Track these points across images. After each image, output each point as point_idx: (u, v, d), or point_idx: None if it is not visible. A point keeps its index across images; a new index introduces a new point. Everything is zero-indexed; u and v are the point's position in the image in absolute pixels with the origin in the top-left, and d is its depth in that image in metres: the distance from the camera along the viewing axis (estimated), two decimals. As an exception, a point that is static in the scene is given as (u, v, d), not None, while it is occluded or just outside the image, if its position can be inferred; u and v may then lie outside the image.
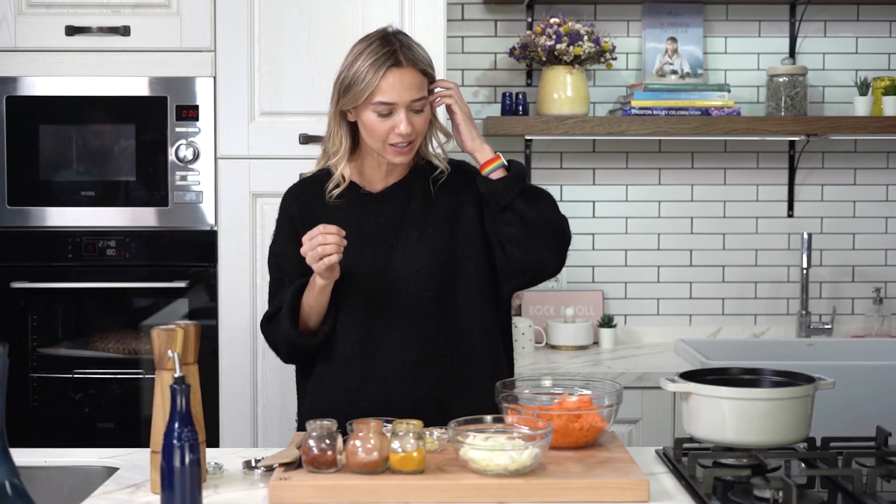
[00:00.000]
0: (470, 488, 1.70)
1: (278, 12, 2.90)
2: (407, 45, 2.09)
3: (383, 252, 2.14)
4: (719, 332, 3.51)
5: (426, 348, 2.12)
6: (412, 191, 2.18)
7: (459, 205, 2.18)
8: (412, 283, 2.12)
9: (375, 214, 2.16)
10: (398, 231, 2.15)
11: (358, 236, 2.13)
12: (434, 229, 2.15)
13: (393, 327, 2.12)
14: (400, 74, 2.04)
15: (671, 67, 3.45)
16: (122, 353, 2.99)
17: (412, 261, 2.13)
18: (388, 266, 2.13)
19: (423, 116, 2.10)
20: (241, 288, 2.91)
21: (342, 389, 2.14)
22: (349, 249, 2.07)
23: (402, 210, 2.16)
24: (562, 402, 1.93)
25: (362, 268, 2.13)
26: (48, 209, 2.95)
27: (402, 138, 2.07)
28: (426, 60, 2.11)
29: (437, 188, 2.18)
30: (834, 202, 3.54)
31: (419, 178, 2.19)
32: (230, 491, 1.77)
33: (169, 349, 1.71)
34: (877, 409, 2.81)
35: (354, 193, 2.18)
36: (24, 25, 2.90)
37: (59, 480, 1.93)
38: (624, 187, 3.52)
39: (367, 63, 2.05)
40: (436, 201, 2.18)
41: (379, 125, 2.07)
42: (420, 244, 2.14)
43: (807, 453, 1.88)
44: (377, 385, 2.12)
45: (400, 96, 2.05)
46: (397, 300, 2.12)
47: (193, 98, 2.92)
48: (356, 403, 2.12)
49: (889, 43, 3.54)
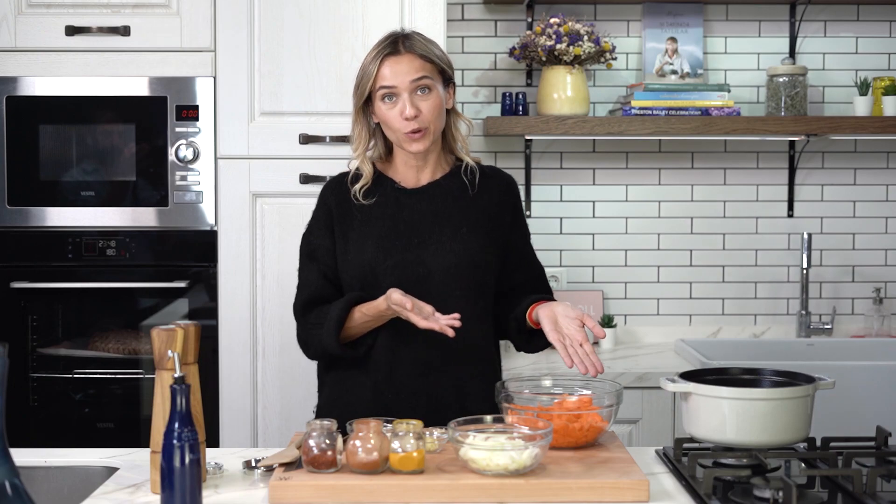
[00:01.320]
0: (470, 488, 1.70)
1: (278, 12, 2.90)
2: (410, 37, 2.16)
3: (415, 246, 2.16)
4: (719, 332, 3.51)
5: (452, 345, 2.12)
6: (448, 190, 2.21)
7: (497, 213, 2.23)
8: (442, 280, 2.15)
9: (410, 210, 2.19)
10: (431, 227, 2.18)
11: (390, 229, 2.17)
12: (469, 230, 2.18)
13: None
14: (397, 60, 2.13)
15: (671, 67, 3.45)
16: (122, 353, 2.99)
17: (444, 257, 2.15)
18: (418, 261, 2.15)
19: (429, 101, 2.13)
20: (241, 288, 2.91)
21: (369, 381, 2.16)
22: (381, 241, 2.15)
23: (437, 208, 2.19)
24: (562, 402, 1.93)
25: (391, 260, 2.15)
26: (48, 209, 2.95)
27: (410, 123, 2.11)
28: (428, 49, 2.15)
29: (477, 190, 2.22)
30: (834, 202, 3.54)
31: (455, 179, 2.23)
32: (230, 491, 1.77)
33: (169, 349, 1.71)
34: (877, 409, 2.81)
35: (389, 188, 2.21)
36: (24, 25, 2.90)
37: (59, 480, 1.93)
38: (624, 187, 3.52)
39: (370, 57, 2.16)
40: (473, 203, 2.21)
41: (388, 113, 2.13)
42: (453, 242, 2.17)
43: (807, 453, 1.88)
44: (403, 378, 2.14)
45: (398, 78, 2.11)
46: (426, 295, 2.12)
47: (193, 98, 2.92)
48: (382, 395, 2.14)
49: (889, 43, 3.54)
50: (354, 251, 2.17)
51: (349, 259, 2.17)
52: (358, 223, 2.19)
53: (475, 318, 2.16)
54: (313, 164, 2.91)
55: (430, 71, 2.14)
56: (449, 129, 2.22)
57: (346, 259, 2.18)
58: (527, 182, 3.47)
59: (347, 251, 2.18)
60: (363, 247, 2.16)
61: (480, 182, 2.23)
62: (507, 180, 2.29)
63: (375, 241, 2.16)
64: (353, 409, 2.11)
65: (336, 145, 2.90)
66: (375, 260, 2.14)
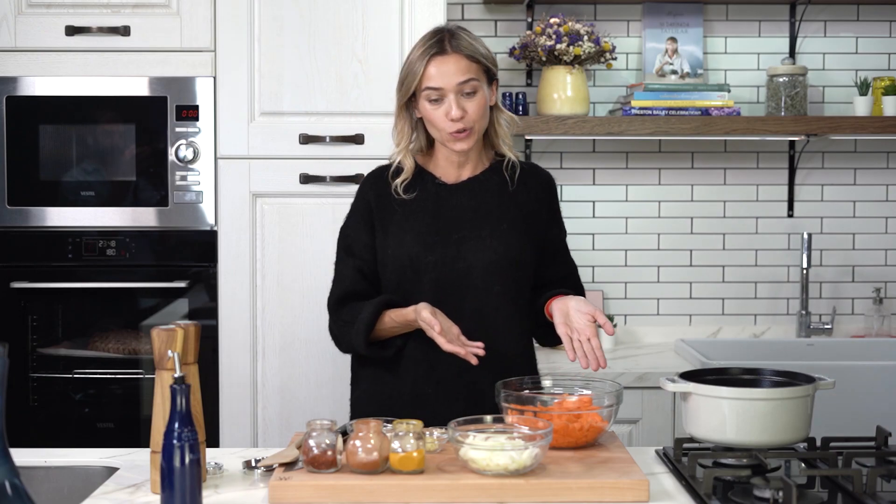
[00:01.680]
0: (470, 488, 1.70)
1: (278, 12, 2.90)
2: (456, 35, 2.15)
3: (455, 242, 2.17)
4: (719, 332, 3.51)
5: (492, 341, 2.13)
6: (488, 185, 2.22)
7: (535, 210, 2.23)
8: (481, 276, 2.16)
9: (450, 205, 2.20)
10: (471, 223, 2.19)
11: (431, 225, 2.18)
12: (509, 226, 2.19)
13: (461, 318, 2.14)
14: (444, 60, 2.12)
15: (671, 67, 3.45)
16: (122, 353, 2.99)
17: (483, 253, 2.16)
18: (458, 256, 2.16)
19: (475, 101, 2.13)
20: (241, 288, 2.91)
21: (408, 375, 2.18)
22: (421, 236, 2.16)
23: (477, 203, 2.20)
24: (562, 402, 1.93)
25: (432, 255, 2.16)
26: (48, 209, 2.95)
27: (456, 123, 2.11)
28: (475, 48, 2.15)
29: (516, 187, 2.22)
30: (834, 202, 3.54)
31: (495, 174, 2.23)
32: (230, 491, 1.77)
33: (169, 349, 1.71)
34: (877, 409, 2.81)
35: (430, 183, 2.22)
36: (24, 25, 2.90)
37: (59, 480, 1.93)
38: (624, 187, 3.52)
39: (416, 55, 2.15)
40: (513, 199, 2.22)
41: (433, 112, 2.14)
42: (493, 238, 2.17)
43: (807, 453, 1.88)
44: (442, 373, 2.15)
45: (445, 80, 2.11)
46: (466, 290, 2.15)
47: (193, 98, 2.92)
48: (421, 389, 2.16)
49: (889, 43, 3.54)
50: (394, 246, 2.18)
51: (389, 253, 2.19)
52: (398, 217, 2.20)
53: (514, 313, 2.18)
54: (313, 164, 2.91)
55: (476, 72, 2.14)
56: (492, 124, 2.23)
57: (385, 253, 2.19)
58: (527, 182, 3.46)
59: (387, 245, 2.19)
60: (403, 241, 2.18)
61: (520, 178, 2.24)
62: (546, 177, 2.30)
63: (415, 237, 2.17)
64: (390, 404, 2.14)
65: (336, 145, 2.90)
66: (416, 255, 2.16)
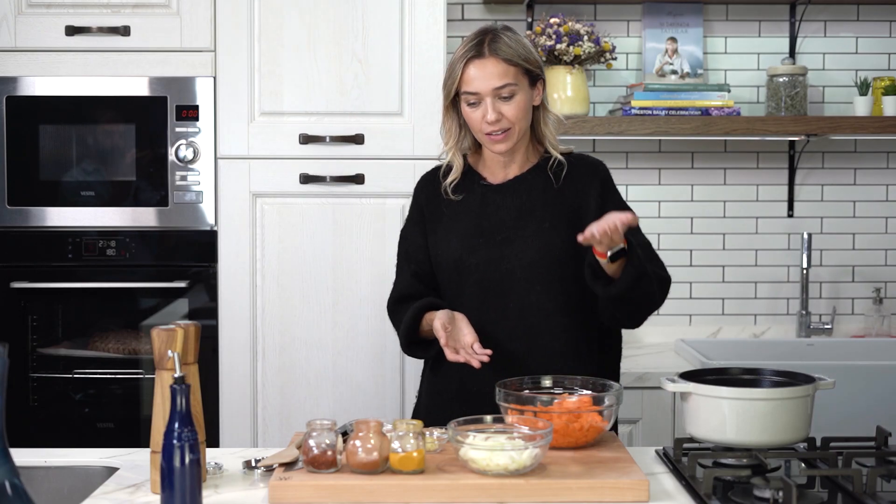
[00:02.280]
0: (470, 488, 1.70)
1: (278, 12, 2.90)
2: (497, 37, 2.15)
3: (498, 243, 2.18)
4: (719, 332, 3.51)
5: (535, 341, 2.15)
6: (533, 184, 2.22)
7: (581, 203, 2.21)
8: (523, 276, 2.16)
9: (495, 206, 2.21)
10: (516, 223, 2.19)
11: (476, 226, 2.20)
12: (551, 224, 2.19)
13: (505, 318, 2.16)
14: (481, 64, 2.12)
15: (671, 67, 3.45)
16: (122, 353, 2.99)
17: (525, 253, 2.17)
18: (501, 257, 2.18)
19: (513, 105, 2.13)
20: (241, 288, 2.91)
21: (456, 374, 2.19)
22: (465, 238, 2.19)
23: (521, 203, 2.20)
24: (562, 402, 1.93)
25: (475, 257, 2.18)
26: (48, 209, 2.95)
27: (491, 125, 2.12)
28: (514, 52, 2.13)
29: (561, 183, 2.22)
30: (834, 202, 3.54)
31: (541, 172, 2.23)
32: (230, 491, 1.77)
33: (169, 349, 1.71)
34: (877, 409, 2.81)
35: (476, 184, 2.24)
36: (24, 25, 2.90)
37: (59, 480, 1.93)
38: (624, 187, 3.51)
39: (457, 56, 2.16)
40: (558, 196, 2.21)
41: (472, 115, 2.15)
42: (536, 238, 2.17)
43: (807, 453, 1.88)
44: (488, 372, 2.14)
45: (481, 85, 2.12)
46: (510, 291, 2.16)
47: (193, 98, 2.92)
48: (469, 387, 2.17)
49: (889, 43, 3.54)
50: (442, 248, 2.22)
51: (438, 254, 2.23)
52: (446, 220, 2.23)
53: (557, 312, 2.17)
54: (313, 164, 2.91)
55: (515, 76, 2.13)
56: (538, 124, 2.23)
57: (436, 254, 2.24)
58: (527, 182, 3.46)
59: (437, 246, 2.23)
60: (449, 243, 2.21)
61: (567, 174, 2.22)
62: (593, 164, 2.27)
63: (460, 239, 2.20)
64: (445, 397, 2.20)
65: (336, 145, 2.90)
66: (459, 257, 2.19)
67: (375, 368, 2.93)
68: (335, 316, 2.91)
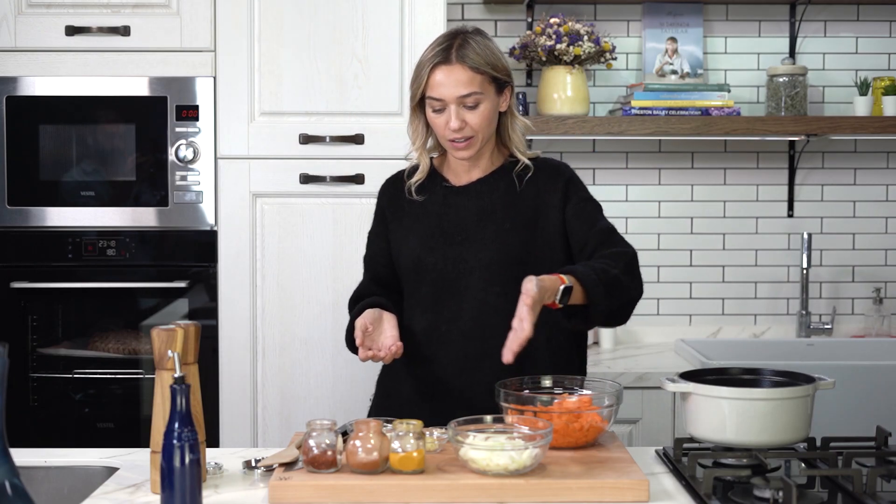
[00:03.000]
0: (470, 488, 1.70)
1: (278, 12, 2.90)
2: (466, 43, 2.11)
3: (457, 243, 2.17)
4: (719, 332, 3.51)
5: (490, 343, 2.11)
6: (495, 186, 2.21)
7: (543, 204, 2.19)
8: (481, 277, 2.15)
9: (455, 207, 2.20)
10: (476, 224, 2.18)
11: (436, 227, 2.19)
12: (512, 226, 2.17)
13: (461, 318, 2.15)
14: (448, 71, 2.09)
15: (671, 67, 3.45)
16: (122, 353, 2.99)
17: (484, 253, 2.15)
18: (459, 258, 2.17)
19: (478, 113, 2.11)
20: (241, 288, 2.91)
21: (408, 375, 2.19)
22: (425, 238, 2.18)
23: (482, 205, 2.19)
24: (562, 402, 1.93)
25: (433, 256, 2.17)
26: (48, 209, 2.95)
27: (454, 133, 2.11)
28: (481, 59, 2.10)
29: (524, 185, 2.20)
30: (834, 202, 3.54)
31: (504, 175, 2.22)
32: (230, 491, 1.77)
33: (169, 349, 1.71)
34: (877, 409, 2.81)
35: (438, 186, 2.23)
36: (24, 25, 2.90)
37: (59, 480, 1.93)
38: (624, 187, 3.52)
39: (425, 59, 2.12)
40: (520, 198, 2.19)
41: (436, 120, 2.14)
42: (496, 238, 2.16)
43: (807, 453, 1.88)
44: (440, 373, 2.15)
45: (445, 92, 2.10)
46: (466, 291, 2.15)
47: (193, 98, 2.92)
48: (421, 389, 2.17)
49: (889, 43, 3.54)
50: (402, 247, 2.22)
51: (398, 254, 2.23)
52: (407, 220, 2.23)
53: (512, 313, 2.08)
54: (313, 164, 2.91)
55: (481, 84, 2.10)
56: (504, 128, 2.21)
57: (397, 254, 2.24)
58: (527, 182, 3.47)
59: (397, 246, 2.23)
60: (408, 243, 2.21)
61: (530, 177, 2.20)
62: (555, 167, 2.24)
63: (420, 238, 2.19)
64: (395, 400, 2.17)
65: (336, 145, 2.90)
66: (418, 256, 2.18)
67: (375, 368, 2.92)
68: (335, 316, 2.90)
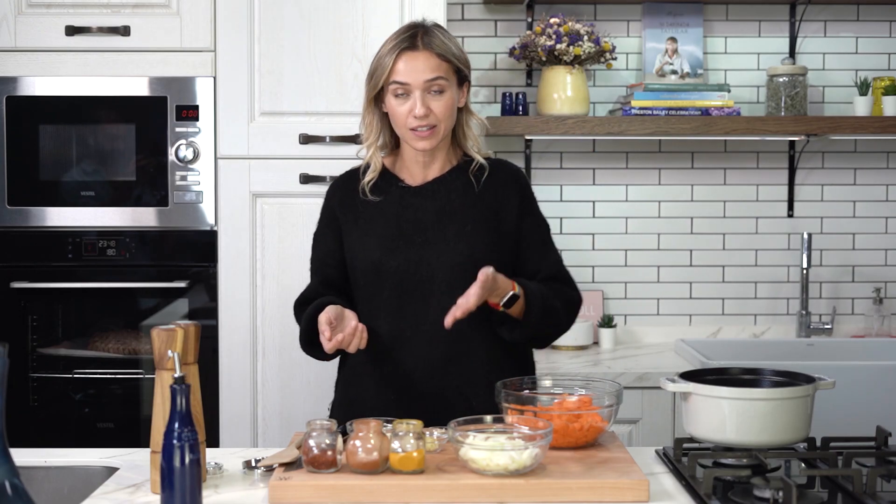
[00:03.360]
0: (470, 488, 1.70)
1: (278, 12, 2.90)
2: (429, 32, 2.12)
3: (418, 245, 2.14)
4: (719, 332, 3.51)
5: (455, 346, 2.12)
6: (453, 186, 2.18)
7: (502, 206, 2.19)
8: (445, 280, 2.12)
9: (413, 208, 2.17)
10: (436, 226, 2.15)
11: (394, 228, 2.15)
12: (473, 227, 2.15)
13: (423, 322, 2.12)
14: (413, 56, 2.09)
15: (671, 67, 3.45)
16: (122, 353, 2.99)
17: (448, 256, 2.13)
18: (421, 260, 2.13)
19: (442, 101, 2.10)
20: (241, 288, 2.91)
21: (371, 380, 2.16)
22: (384, 241, 2.13)
23: (441, 205, 2.17)
24: (562, 402, 1.93)
25: (395, 260, 2.13)
26: (48, 209, 2.95)
27: (419, 120, 2.09)
28: (447, 47, 2.12)
29: (482, 186, 2.19)
30: (834, 202, 3.55)
31: (461, 175, 2.20)
32: (230, 491, 1.77)
33: (169, 349, 1.71)
34: (877, 409, 2.81)
35: (394, 186, 2.19)
36: (24, 25, 2.90)
37: (59, 480, 1.93)
38: (624, 187, 3.52)
39: (387, 48, 2.11)
40: (479, 199, 2.18)
41: (398, 108, 2.11)
42: (458, 240, 2.13)
43: (807, 453, 1.88)
44: (404, 379, 2.13)
45: (412, 77, 2.08)
46: (429, 295, 2.12)
47: (193, 98, 2.92)
48: (383, 395, 2.14)
49: (889, 43, 3.54)
50: (358, 249, 2.17)
51: (354, 256, 2.18)
52: (362, 222, 2.18)
53: (480, 318, 2.11)
54: (313, 164, 2.91)
55: (446, 71, 2.11)
56: (460, 126, 2.20)
57: (352, 257, 2.18)
58: (527, 182, 3.47)
59: (353, 248, 2.18)
60: (366, 245, 2.16)
61: (487, 177, 2.19)
62: (513, 171, 2.25)
63: (378, 240, 2.14)
64: (358, 407, 2.12)
65: (336, 145, 2.90)
66: (379, 259, 2.14)
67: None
68: (335, 316, 2.90)
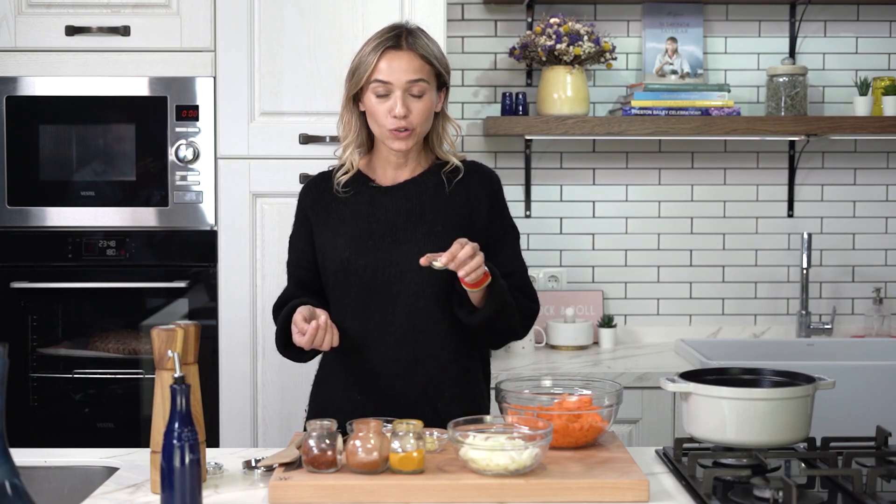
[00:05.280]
0: (470, 488, 1.70)
1: (278, 12, 2.90)
2: (413, 33, 2.12)
3: (388, 245, 2.13)
4: (719, 332, 3.51)
5: (423, 348, 2.12)
6: (424, 187, 2.17)
7: (474, 208, 2.18)
8: (414, 280, 2.11)
9: (384, 208, 2.16)
10: (406, 226, 2.14)
11: (364, 228, 2.14)
12: (444, 228, 2.14)
13: (391, 323, 2.12)
14: (397, 56, 2.09)
15: (671, 67, 3.45)
16: (122, 353, 2.99)
17: (417, 257, 2.09)
18: (390, 261, 2.12)
19: (421, 103, 2.10)
20: (241, 288, 2.91)
21: (340, 382, 2.16)
22: (353, 240, 2.12)
23: (411, 206, 2.15)
24: (562, 402, 1.93)
25: (363, 259, 2.12)
26: (48, 209, 2.95)
27: (397, 121, 2.08)
28: (430, 50, 2.12)
29: (453, 187, 2.18)
30: (834, 202, 3.55)
31: (433, 177, 2.19)
32: (230, 491, 1.77)
33: (169, 349, 1.71)
34: (877, 409, 2.81)
35: (364, 186, 2.19)
36: (24, 25, 2.90)
37: (59, 480, 1.93)
38: (624, 187, 3.52)
39: (370, 47, 2.11)
40: (450, 200, 2.17)
41: (377, 107, 2.10)
42: (428, 241, 2.12)
43: (807, 453, 1.88)
44: (372, 381, 2.13)
45: (394, 76, 2.08)
46: (398, 296, 2.11)
47: (193, 98, 2.92)
48: (352, 397, 2.14)
49: (889, 43, 3.54)
50: (328, 249, 2.16)
51: (325, 256, 2.17)
52: (333, 221, 2.17)
53: (448, 317, 2.12)
54: (313, 164, 2.90)
55: (428, 74, 2.11)
56: (435, 130, 2.19)
57: (322, 256, 2.18)
58: (527, 182, 3.47)
59: (323, 248, 2.18)
60: (336, 245, 2.15)
61: (460, 179, 2.18)
62: (486, 174, 2.23)
63: (348, 240, 2.14)
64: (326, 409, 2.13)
65: (336, 145, 2.88)
66: (347, 258, 2.13)
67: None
68: (335, 316, 2.90)
